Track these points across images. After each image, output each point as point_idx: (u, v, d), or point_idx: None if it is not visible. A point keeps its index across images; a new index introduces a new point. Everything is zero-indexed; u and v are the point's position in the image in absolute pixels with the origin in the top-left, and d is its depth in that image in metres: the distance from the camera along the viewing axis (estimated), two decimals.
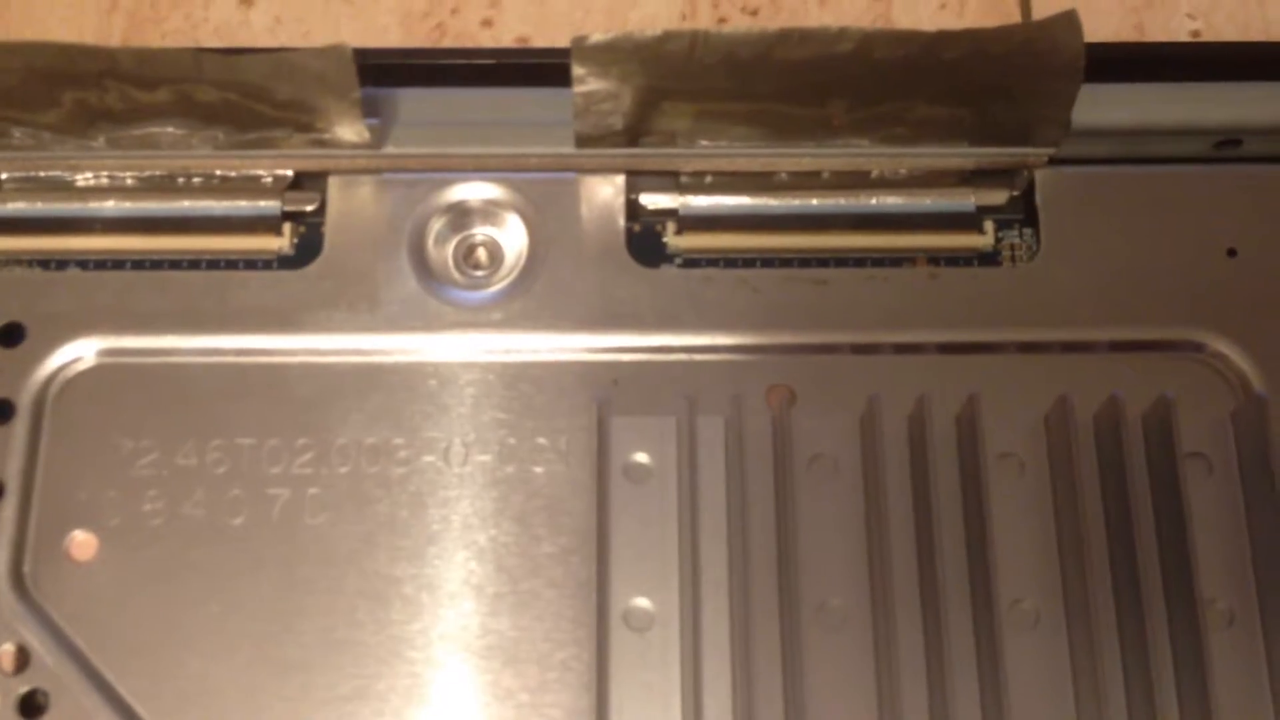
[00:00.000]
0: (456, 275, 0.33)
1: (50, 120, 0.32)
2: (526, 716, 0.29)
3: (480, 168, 0.34)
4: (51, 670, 0.29)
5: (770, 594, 0.29)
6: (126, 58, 0.31)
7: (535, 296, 0.33)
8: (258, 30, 0.42)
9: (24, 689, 0.29)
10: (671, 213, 0.34)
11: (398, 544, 0.30)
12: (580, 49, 0.31)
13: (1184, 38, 0.41)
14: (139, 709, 0.29)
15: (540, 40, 0.41)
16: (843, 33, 0.31)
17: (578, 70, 0.31)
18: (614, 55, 0.31)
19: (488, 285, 0.33)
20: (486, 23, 0.42)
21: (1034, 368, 0.32)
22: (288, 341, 0.32)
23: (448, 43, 0.41)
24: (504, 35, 0.42)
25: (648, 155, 0.33)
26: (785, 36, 0.31)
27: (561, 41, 0.41)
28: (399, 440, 0.31)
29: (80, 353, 0.32)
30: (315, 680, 0.29)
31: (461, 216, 0.33)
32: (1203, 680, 0.27)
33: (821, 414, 0.31)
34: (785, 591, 0.29)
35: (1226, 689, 0.27)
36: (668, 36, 0.31)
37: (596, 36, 0.31)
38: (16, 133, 0.33)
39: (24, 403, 0.31)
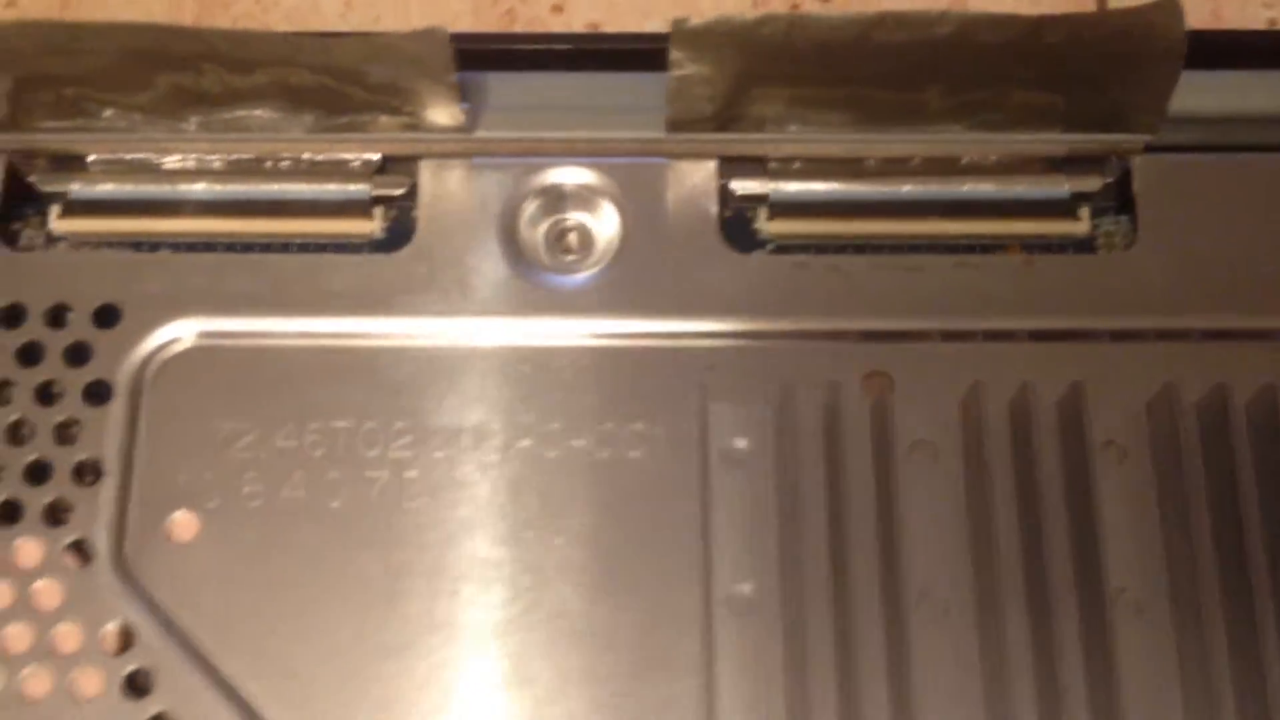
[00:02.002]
0: (548, 260, 0.33)
1: (142, 102, 0.32)
2: (625, 702, 0.29)
3: (571, 152, 0.33)
4: (155, 650, 0.29)
5: (872, 582, 0.29)
6: (223, 41, 0.31)
7: (628, 281, 0.32)
8: (328, 15, 0.42)
9: (129, 668, 0.29)
10: (762, 198, 0.34)
11: (496, 528, 0.30)
12: (680, 32, 0.31)
13: (1261, 26, 0.41)
14: (242, 689, 0.29)
15: (610, 26, 0.41)
16: (943, 16, 0.31)
17: (675, 54, 0.31)
18: (712, 39, 0.31)
19: (580, 270, 0.33)
20: (557, 9, 0.42)
21: (1132, 356, 0.31)
22: (381, 325, 0.32)
23: (519, 28, 0.41)
24: (575, 21, 0.41)
25: (739, 140, 0.33)
26: (882, 20, 0.31)
27: (630, 27, 0.41)
28: (495, 425, 0.31)
29: (178, 334, 0.32)
30: (415, 664, 0.29)
31: (554, 201, 0.33)
32: None
33: (920, 401, 0.31)
34: (887, 579, 0.29)
35: None
36: (765, 20, 0.31)
37: (696, 20, 0.31)
38: (107, 113, 0.33)
39: (121, 384, 0.31)
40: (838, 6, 0.41)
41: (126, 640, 0.30)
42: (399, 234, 0.33)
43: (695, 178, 0.33)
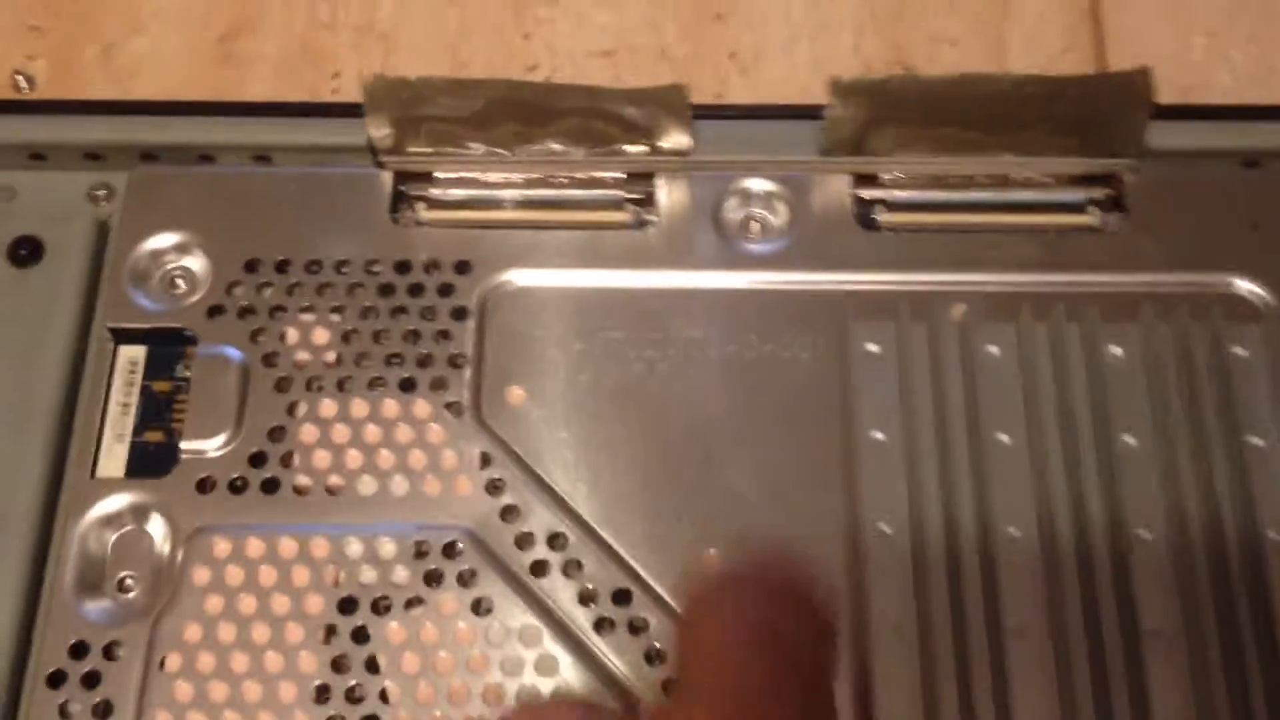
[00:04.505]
0: (741, 236, 0.51)
1: (493, 138, 0.51)
2: None
3: (757, 169, 0.51)
4: (504, 467, 0.47)
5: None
6: (548, 93, 0.50)
7: (795, 251, 0.50)
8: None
9: (488, 478, 0.47)
10: (881, 201, 0.51)
11: (717, 397, 0.48)
12: (836, 85, 0.49)
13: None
14: (558, 488, 0.46)
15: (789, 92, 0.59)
16: (1002, 76, 0.49)
17: (831, 100, 0.49)
18: (854, 89, 0.49)
19: (762, 243, 0.51)
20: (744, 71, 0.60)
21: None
22: (636, 276, 0.50)
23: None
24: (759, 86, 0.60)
25: (866, 162, 0.51)
26: (962, 79, 0.49)
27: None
28: (713, 337, 0.49)
29: (507, 279, 0.50)
30: (668, 470, 0.47)
31: (744, 199, 0.51)
32: None
33: (990, 322, 0.48)
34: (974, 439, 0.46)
35: None
36: (889, 78, 0.49)
37: (845, 77, 0.49)
38: (474, 146, 0.51)
39: (474, 309, 0.49)
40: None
41: (485, 461, 0.47)
42: (644, 221, 0.51)
43: (837, 186, 0.51)
